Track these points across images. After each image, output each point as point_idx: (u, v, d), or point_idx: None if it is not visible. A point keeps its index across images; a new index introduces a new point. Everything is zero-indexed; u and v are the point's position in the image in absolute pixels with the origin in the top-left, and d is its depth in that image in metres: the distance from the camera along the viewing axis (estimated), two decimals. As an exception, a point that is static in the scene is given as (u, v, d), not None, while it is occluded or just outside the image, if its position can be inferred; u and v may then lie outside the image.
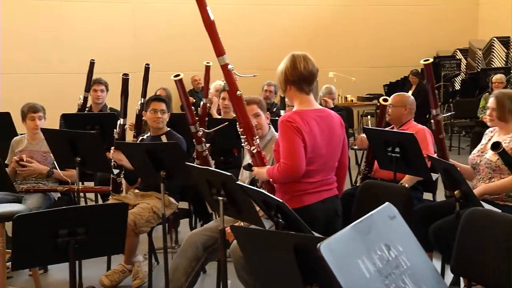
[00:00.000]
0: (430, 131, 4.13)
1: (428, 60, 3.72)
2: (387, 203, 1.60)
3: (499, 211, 3.01)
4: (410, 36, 11.67)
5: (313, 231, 2.28)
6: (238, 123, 3.00)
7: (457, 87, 11.46)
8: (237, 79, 2.96)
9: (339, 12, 11.50)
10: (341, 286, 1.28)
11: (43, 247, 2.47)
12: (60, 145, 3.89)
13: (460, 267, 2.60)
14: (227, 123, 4.23)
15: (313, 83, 2.94)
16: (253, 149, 2.99)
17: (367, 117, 9.99)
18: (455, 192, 2.96)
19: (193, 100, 8.90)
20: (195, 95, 9.79)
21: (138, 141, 4.23)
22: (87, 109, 5.56)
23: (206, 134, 4.01)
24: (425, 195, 4.16)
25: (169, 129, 4.14)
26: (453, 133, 9.67)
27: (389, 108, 4.18)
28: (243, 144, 3.05)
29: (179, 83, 3.78)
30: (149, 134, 4.18)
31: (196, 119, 3.86)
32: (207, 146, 3.92)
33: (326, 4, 11.51)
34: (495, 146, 2.94)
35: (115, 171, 4.10)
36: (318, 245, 1.30)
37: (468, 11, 12.37)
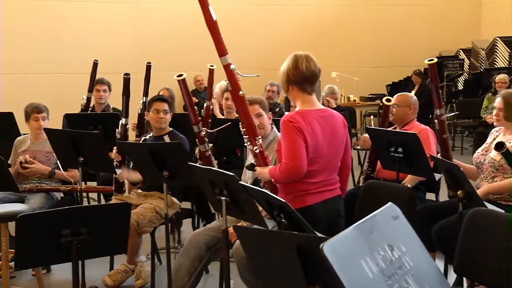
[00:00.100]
0: (432, 131, 4.12)
1: (432, 60, 3.71)
2: (390, 203, 1.60)
3: (502, 211, 3.00)
4: (413, 36, 11.65)
5: (315, 231, 2.28)
6: (241, 123, 3.00)
7: (460, 87, 11.44)
8: (240, 79, 2.96)
9: (341, 12, 11.48)
10: (344, 286, 1.28)
11: (46, 247, 2.47)
12: (63, 145, 3.89)
13: (463, 267, 2.60)
14: (229, 123, 4.23)
15: (316, 83, 2.93)
16: (255, 149, 2.99)
17: (370, 117, 9.96)
18: (458, 192, 2.95)
19: (196, 100, 8.92)
20: (197, 95, 9.80)
21: (141, 141, 4.23)
22: (90, 109, 5.57)
23: (209, 134, 4.01)
24: (428, 195, 4.15)
25: (172, 129, 4.15)
26: (456, 133, 9.65)
27: (393, 108, 4.18)
28: (246, 144, 3.05)
29: (182, 83, 3.79)
30: (151, 134, 4.19)
31: (199, 119, 3.86)
32: (210, 146, 3.92)
33: (329, 4, 11.50)
34: (499, 146, 2.94)
35: (118, 171, 4.10)
36: (321, 245, 1.30)
37: (471, 11, 12.35)
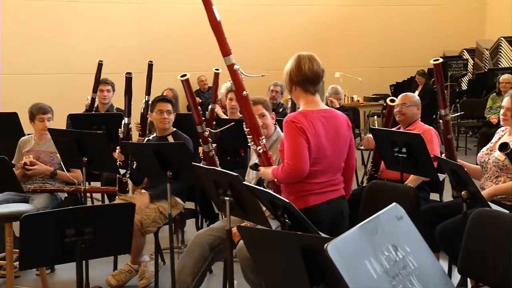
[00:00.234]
0: (436, 131, 4.11)
1: (437, 60, 3.70)
2: (394, 203, 1.59)
3: (507, 211, 2.99)
4: (416, 36, 11.63)
5: (319, 232, 2.27)
6: (245, 123, 3.00)
7: (464, 87, 11.41)
8: (244, 79, 2.96)
9: (345, 12, 11.48)
10: (348, 287, 1.28)
11: (50, 247, 2.47)
12: (67, 145, 3.90)
13: (467, 268, 2.59)
14: (233, 123, 4.24)
15: (319, 84, 2.93)
16: (259, 149, 2.99)
17: (374, 118, 9.98)
18: (462, 193, 2.94)
19: (199, 100, 8.93)
20: (201, 95, 9.81)
21: (144, 141, 4.23)
22: (93, 109, 5.57)
23: (213, 134, 4.01)
24: (432, 196, 4.14)
25: (176, 129, 4.15)
26: (460, 134, 9.62)
27: (402, 108, 4.16)
28: (250, 144, 3.05)
29: (186, 83, 3.79)
30: (155, 134, 4.19)
31: (203, 119, 3.86)
32: (214, 146, 3.92)
33: (332, 5, 11.50)
34: (503, 147, 2.93)
35: (121, 171, 4.11)
36: (325, 245, 1.30)
37: (475, 11, 12.32)
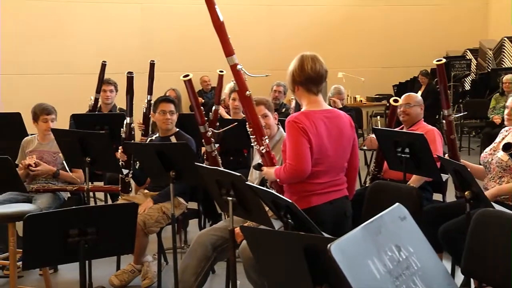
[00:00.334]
0: (439, 132, 4.11)
1: (441, 60, 3.69)
2: (397, 204, 1.59)
3: (510, 212, 2.99)
4: (419, 36, 11.61)
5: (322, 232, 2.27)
6: (248, 123, 3.00)
7: (467, 87, 11.39)
8: (247, 79, 2.96)
9: (348, 12, 11.47)
10: (351, 287, 1.28)
11: (53, 247, 2.47)
12: (70, 145, 3.91)
13: (470, 268, 2.58)
14: (236, 123, 4.24)
15: (322, 84, 2.92)
16: (262, 149, 2.99)
17: (376, 118, 9.96)
18: (466, 193, 2.93)
19: (202, 100, 8.94)
20: (204, 95, 9.82)
21: (147, 141, 4.24)
22: (97, 109, 5.59)
23: (215, 134, 4.01)
24: (435, 196, 4.14)
25: (178, 129, 4.15)
26: (463, 134, 9.61)
27: (406, 108, 4.16)
28: (253, 144, 3.05)
29: (188, 83, 3.79)
30: (157, 134, 4.19)
31: (206, 119, 3.86)
32: (216, 146, 3.92)
33: (335, 5, 11.49)
34: (507, 147, 2.92)
35: (124, 171, 4.11)
36: (329, 245, 1.30)
37: (478, 10, 12.29)
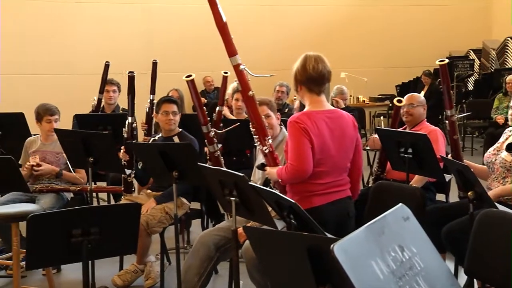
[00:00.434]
0: (442, 132, 4.10)
1: (443, 60, 3.68)
2: (400, 204, 1.59)
3: (514, 212, 2.98)
4: (422, 36, 11.59)
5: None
6: (251, 123, 3.01)
7: (470, 87, 11.36)
8: (250, 80, 2.96)
9: (351, 12, 11.46)
10: (354, 287, 1.27)
11: (56, 247, 2.48)
12: (73, 146, 3.91)
13: (473, 268, 2.58)
14: (238, 123, 4.24)
15: (324, 85, 2.92)
16: (265, 149, 2.99)
17: (379, 118, 9.95)
18: (469, 193, 2.93)
19: (205, 100, 8.93)
20: (206, 95, 9.82)
21: (150, 141, 4.24)
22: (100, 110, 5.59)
23: (218, 134, 4.01)
24: (438, 196, 4.13)
25: (181, 130, 4.15)
26: (466, 134, 9.58)
27: (409, 109, 4.15)
28: (256, 144, 3.05)
29: (191, 83, 3.79)
30: (160, 134, 4.19)
31: (208, 119, 3.86)
32: (219, 146, 3.92)
33: (338, 5, 11.48)
34: (510, 148, 2.92)
35: (127, 171, 4.11)
36: (332, 246, 1.30)
37: (482, 10, 12.26)
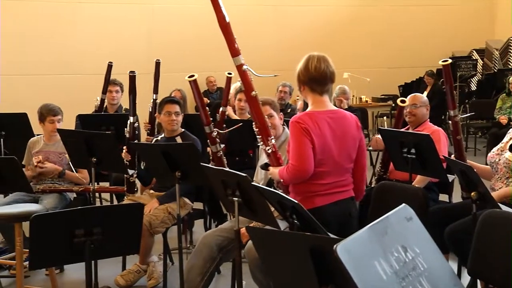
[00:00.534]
0: (444, 132, 4.10)
1: (447, 60, 3.68)
2: (403, 204, 1.59)
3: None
4: (425, 37, 11.58)
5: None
6: (254, 123, 3.01)
7: (473, 87, 11.34)
8: (253, 80, 2.96)
9: (354, 13, 11.45)
10: (357, 288, 1.27)
11: (59, 247, 2.48)
12: (76, 146, 3.92)
13: (477, 269, 2.57)
14: (241, 124, 4.23)
15: (327, 84, 2.91)
16: (268, 149, 2.99)
17: (382, 118, 9.94)
18: (472, 194, 2.92)
19: (207, 100, 8.93)
20: (209, 95, 9.82)
21: (153, 141, 4.24)
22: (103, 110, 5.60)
23: (221, 134, 4.01)
24: (441, 197, 4.12)
25: (184, 130, 4.15)
26: (469, 134, 9.57)
27: (412, 109, 4.15)
28: (259, 144, 3.05)
29: (194, 83, 3.79)
30: (163, 134, 4.20)
31: (211, 119, 3.86)
32: (222, 146, 3.92)
33: (341, 5, 11.48)
34: (513, 148, 2.91)
35: (130, 171, 4.12)
36: (335, 246, 1.30)
37: (485, 10, 12.24)
